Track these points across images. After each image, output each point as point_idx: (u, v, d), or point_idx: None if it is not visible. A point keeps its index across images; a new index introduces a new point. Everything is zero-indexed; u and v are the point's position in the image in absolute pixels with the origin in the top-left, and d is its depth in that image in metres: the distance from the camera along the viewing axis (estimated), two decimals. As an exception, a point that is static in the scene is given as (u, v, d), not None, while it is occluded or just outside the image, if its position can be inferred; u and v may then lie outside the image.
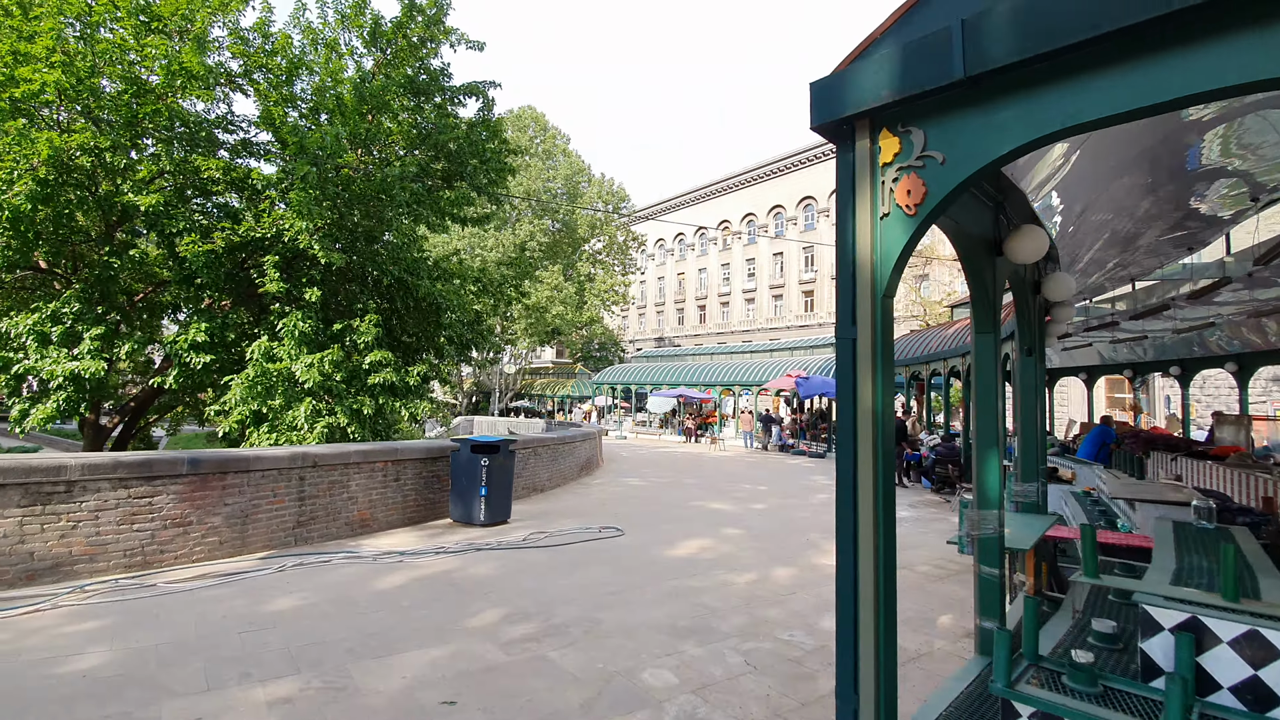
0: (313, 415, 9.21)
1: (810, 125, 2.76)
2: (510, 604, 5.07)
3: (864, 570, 2.47)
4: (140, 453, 5.80)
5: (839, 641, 2.59)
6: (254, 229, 9.24)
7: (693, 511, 9.87)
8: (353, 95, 10.22)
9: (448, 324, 11.91)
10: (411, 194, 9.69)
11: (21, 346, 9.22)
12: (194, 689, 3.46)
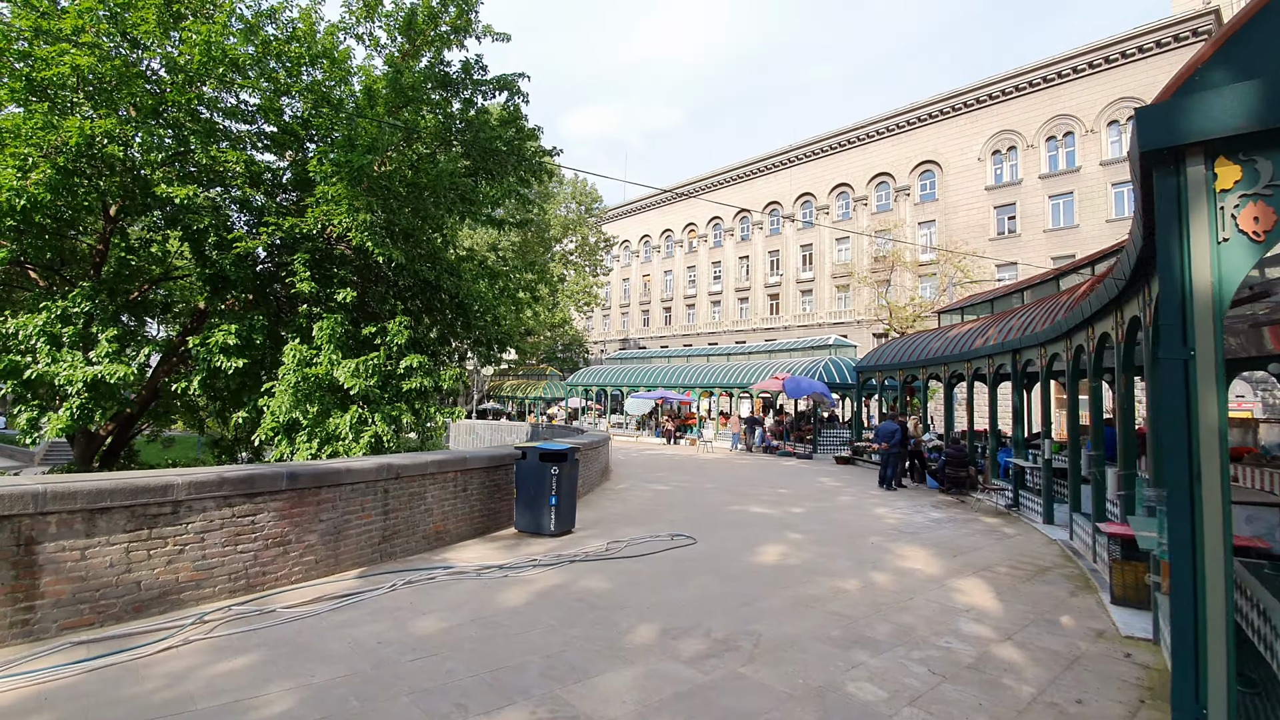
0: (357, 424, 8.78)
1: (1140, 149, 2.81)
2: (654, 619, 4.96)
3: (1211, 586, 2.53)
4: (242, 467, 5.37)
5: (1176, 654, 2.65)
6: (299, 225, 8.72)
7: (739, 516, 9.90)
8: (388, 87, 9.81)
9: (478, 324, 11.56)
10: (458, 191, 9.36)
11: (30, 349, 8.43)
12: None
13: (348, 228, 8.54)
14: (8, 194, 7.04)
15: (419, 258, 9.86)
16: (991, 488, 12.05)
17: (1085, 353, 8.11)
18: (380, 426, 8.79)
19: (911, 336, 19.37)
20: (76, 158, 7.63)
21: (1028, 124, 38.25)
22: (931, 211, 41.52)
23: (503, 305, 12.23)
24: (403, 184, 9.13)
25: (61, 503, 4.10)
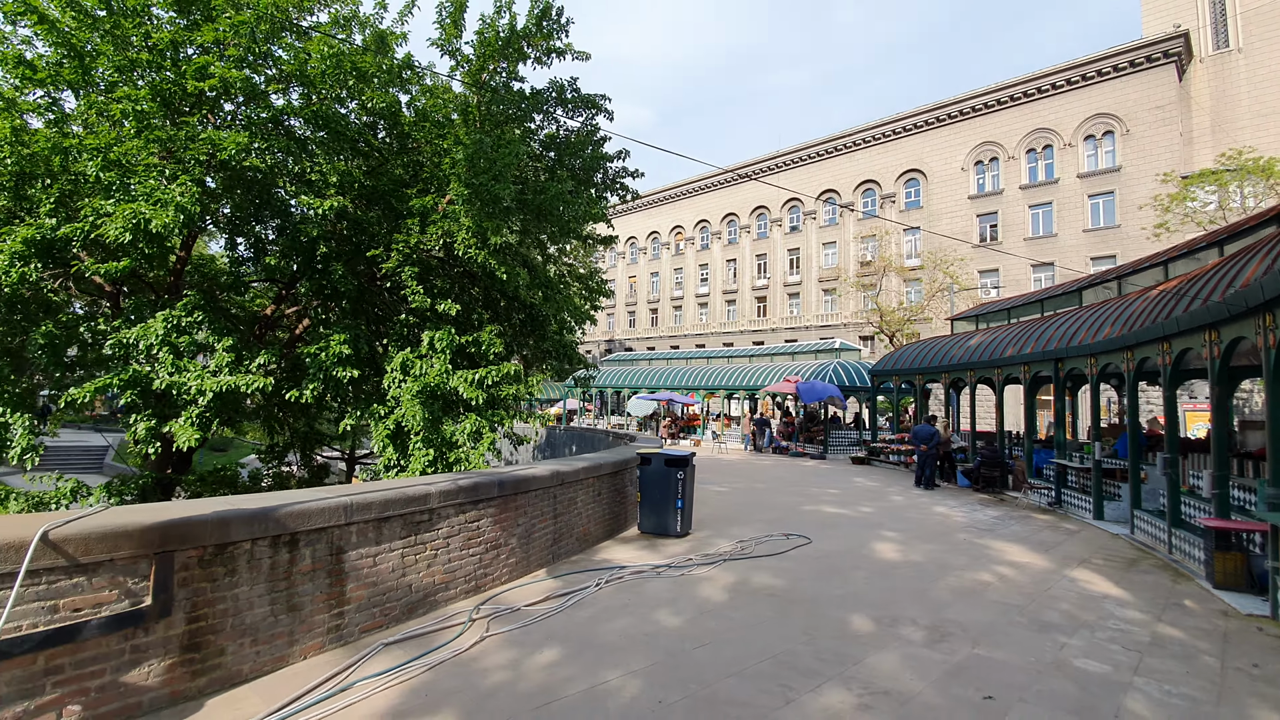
0: (474, 432, 9.07)
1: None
2: (855, 609, 5.50)
3: None
4: (466, 475, 5.69)
5: None
6: (423, 241, 8.97)
7: (823, 516, 10.51)
8: (487, 103, 10.10)
9: (551, 336, 11.92)
10: (571, 211, 9.73)
11: (152, 358, 8.48)
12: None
13: (468, 245, 8.83)
14: (157, 209, 7.16)
15: (517, 272, 10.21)
16: (1033, 486, 12.94)
17: (1154, 363, 8.97)
18: (495, 435, 9.10)
19: (928, 342, 20.33)
20: (219, 170, 7.75)
21: (1009, 136, 40.02)
22: (917, 218, 43.03)
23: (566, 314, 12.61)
24: (523, 206, 9.45)
25: (361, 513, 4.42)
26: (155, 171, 7.74)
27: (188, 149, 7.53)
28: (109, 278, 7.91)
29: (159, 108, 7.59)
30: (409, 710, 3.45)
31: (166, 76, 7.62)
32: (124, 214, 7.12)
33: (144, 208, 7.20)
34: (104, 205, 7.29)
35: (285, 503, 3.99)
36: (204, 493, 11.46)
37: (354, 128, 9.18)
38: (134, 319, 9.27)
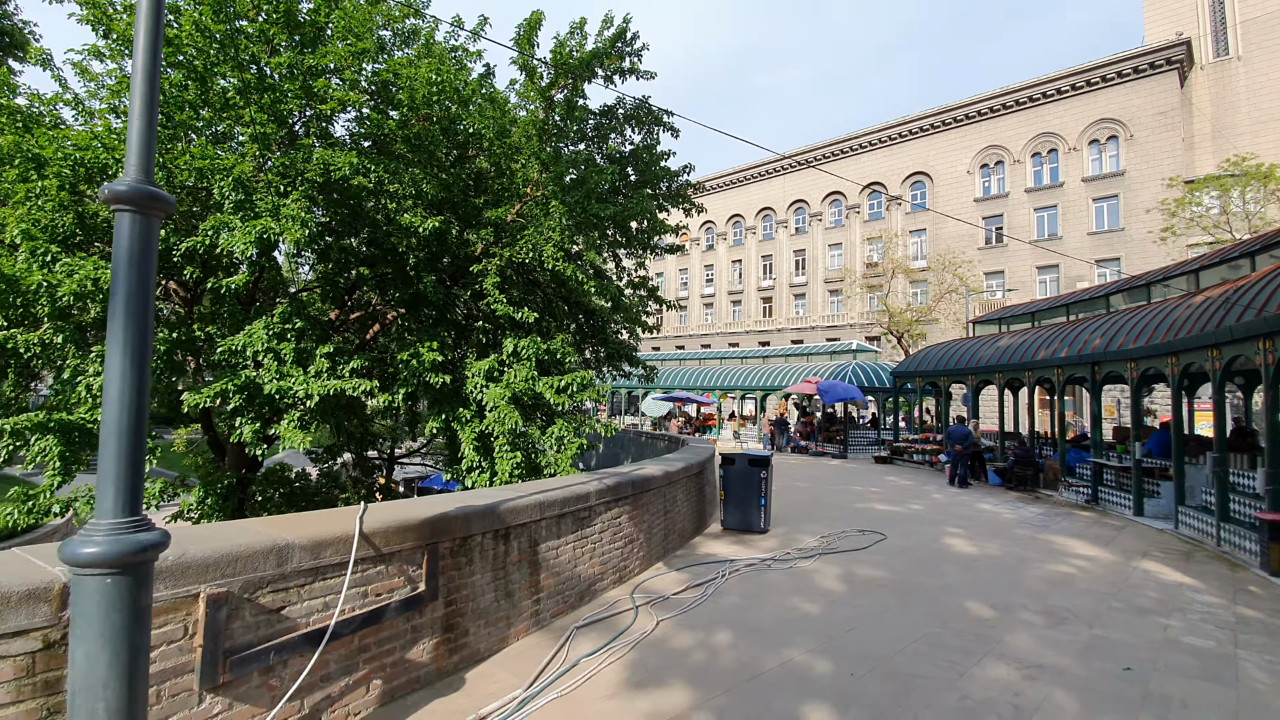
0: (560, 437, 9.52)
1: None
2: (966, 597, 6.02)
3: None
4: (609, 474, 6.16)
5: None
6: (515, 253, 9.42)
7: (883, 513, 11.04)
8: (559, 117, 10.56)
9: (612, 341, 12.40)
10: (651, 222, 10.21)
11: (257, 364, 8.88)
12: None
13: (555, 258, 9.29)
14: (287, 225, 7.57)
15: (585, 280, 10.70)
16: (1071, 484, 13.55)
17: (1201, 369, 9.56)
18: (581, 439, 9.57)
19: (952, 344, 20.93)
20: (329, 189, 8.17)
21: (1014, 140, 40.79)
22: (923, 220, 43.76)
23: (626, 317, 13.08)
24: (605, 219, 9.91)
25: (548, 510, 4.89)
26: (271, 190, 8.15)
27: (305, 169, 7.93)
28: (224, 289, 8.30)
29: (277, 129, 7.98)
30: (641, 682, 3.92)
31: (283, 97, 8.02)
32: (254, 229, 7.53)
33: (270, 223, 7.61)
34: (232, 220, 7.68)
35: (500, 500, 4.46)
36: (268, 491, 11.88)
37: (445, 146, 9.59)
38: (228, 326, 9.70)
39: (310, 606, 3.13)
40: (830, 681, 4.02)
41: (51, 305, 7.53)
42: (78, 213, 8.93)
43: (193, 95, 8.08)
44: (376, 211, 9.37)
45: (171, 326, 9.85)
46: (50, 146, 7.99)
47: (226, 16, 7.84)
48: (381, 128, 8.88)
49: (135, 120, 2.24)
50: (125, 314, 2.16)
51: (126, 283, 2.18)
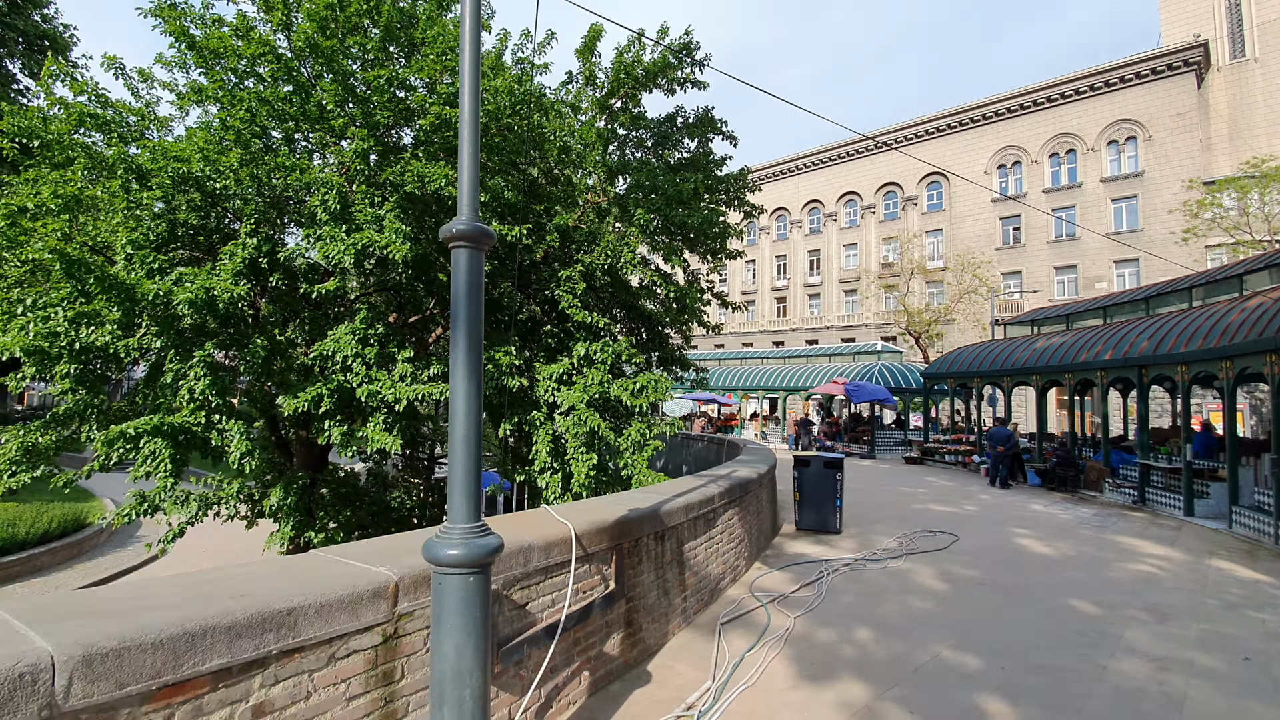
0: (639, 442, 9.76)
1: None
2: (1071, 596, 6.26)
3: None
4: (722, 477, 6.41)
5: None
6: (595, 261, 9.68)
7: (937, 513, 11.29)
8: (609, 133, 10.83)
9: (669, 345, 12.66)
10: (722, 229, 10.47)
11: (346, 369, 9.13)
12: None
13: (631, 264, 9.55)
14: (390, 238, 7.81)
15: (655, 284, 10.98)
16: (1119, 485, 13.77)
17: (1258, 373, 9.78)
18: (658, 441, 9.81)
19: (984, 345, 21.15)
20: (421, 200, 8.43)
21: (1031, 140, 40.93)
22: (939, 221, 43.94)
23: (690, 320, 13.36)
24: (690, 226, 10.15)
25: (690, 512, 5.14)
26: (366, 201, 8.40)
27: (403, 180, 8.18)
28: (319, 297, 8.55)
29: (375, 142, 8.23)
30: (814, 675, 4.18)
31: (376, 110, 8.26)
32: (358, 241, 7.78)
33: (374, 235, 7.86)
34: (336, 232, 7.92)
35: (658, 503, 4.71)
36: (336, 488, 12.14)
37: (527, 155, 9.83)
38: (309, 332, 9.97)
39: (543, 603, 3.38)
40: (986, 674, 4.27)
41: (164, 313, 7.79)
42: (170, 221, 9.21)
43: (295, 109, 8.33)
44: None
45: (264, 333, 10.13)
46: (155, 159, 8.24)
47: (331, 32, 8.09)
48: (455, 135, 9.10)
49: (464, 170, 2.50)
50: (466, 337, 2.41)
51: (466, 309, 2.43)
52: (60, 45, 21.33)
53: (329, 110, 8.38)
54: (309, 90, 8.18)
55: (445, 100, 8.40)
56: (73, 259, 7.14)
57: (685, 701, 3.65)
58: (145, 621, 1.86)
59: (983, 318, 37.65)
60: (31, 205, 8.38)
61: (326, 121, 8.67)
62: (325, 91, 8.27)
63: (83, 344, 8.04)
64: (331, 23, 8.18)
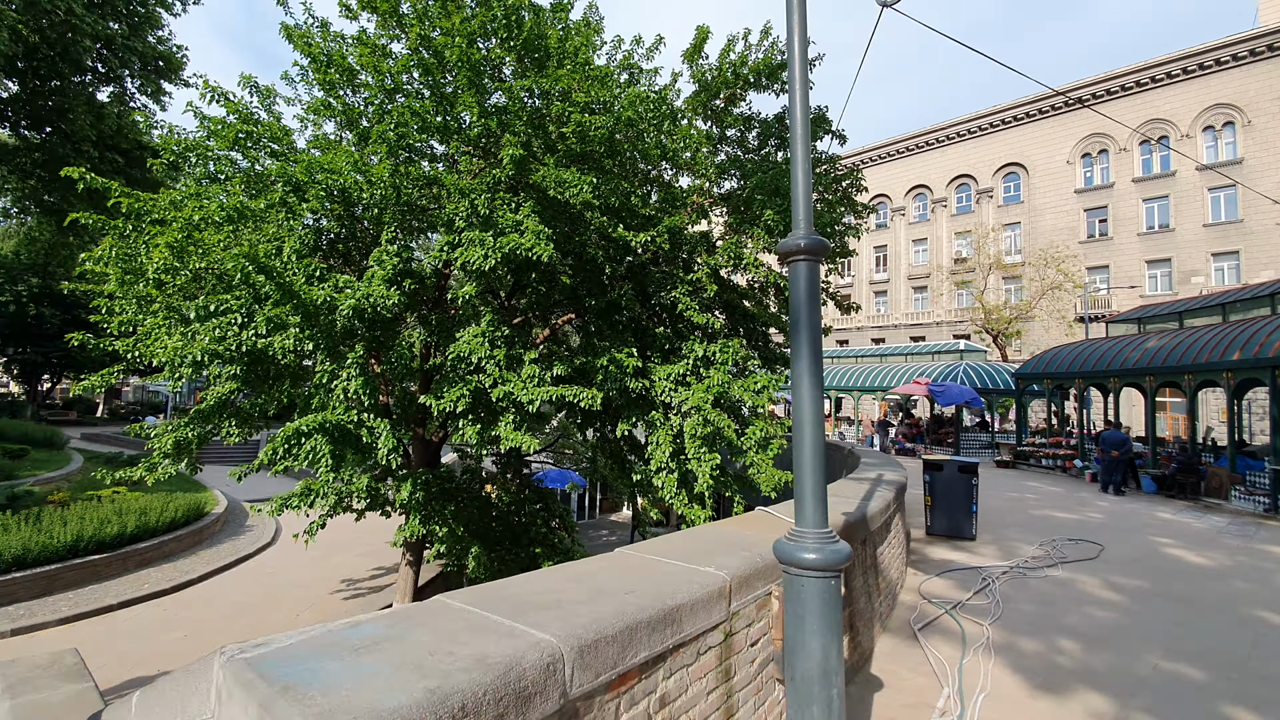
0: (763, 441, 9.78)
1: None
2: (1274, 608, 5.97)
3: None
4: (886, 481, 6.41)
5: None
6: (718, 263, 9.77)
7: (1061, 520, 10.92)
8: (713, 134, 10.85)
9: (771, 345, 12.65)
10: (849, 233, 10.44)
11: (480, 369, 9.46)
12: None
13: (754, 264, 9.57)
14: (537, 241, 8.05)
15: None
16: (1251, 492, 12.99)
17: None
18: (783, 440, 9.81)
19: (1087, 344, 20.26)
20: (559, 206, 8.68)
21: (1119, 127, 38.86)
22: (1017, 214, 42.26)
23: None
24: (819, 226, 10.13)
25: (880, 517, 5.14)
26: (508, 207, 8.68)
27: (545, 186, 8.42)
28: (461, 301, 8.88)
29: (523, 151, 8.48)
30: (1045, 685, 4.14)
31: (517, 120, 8.53)
32: (502, 243, 8.05)
33: (518, 239, 8.11)
34: (482, 236, 8.21)
35: (863, 506, 4.73)
36: (442, 484, 12.57)
37: (653, 159, 9.97)
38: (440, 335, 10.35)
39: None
40: (1215, 685, 4.14)
41: (327, 318, 8.25)
42: (316, 231, 9.74)
43: (439, 120, 8.67)
44: (590, 225, 9.82)
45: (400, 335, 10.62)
46: (310, 172, 8.71)
47: (475, 48, 8.39)
48: (590, 143, 9.29)
49: (799, 188, 2.57)
50: (808, 346, 2.49)
51: (807, 319, 2.51)
52: (174, 65, 22.76)
53: (470, 121, 8.68)
54: (453, 102, 8.49)
55: (582, 109, 8.59)
56: (263, 266, 7.61)
57: (935, 706, 3.66)
58: (597, 615, 2.00)
59: (1067, 315, 36.06)
60: (197, 218, 8.98)
61: (464, 131, 9.00)
62: (467, 104, 8.58)
63: (248, 347, 8.61)
64: (480, 38, 8.47)
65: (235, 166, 10.22)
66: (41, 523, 14.09)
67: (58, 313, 34.60)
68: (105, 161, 22.91)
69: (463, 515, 12.45)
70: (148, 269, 8.63)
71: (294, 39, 10.80)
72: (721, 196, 12.12)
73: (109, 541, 14.73)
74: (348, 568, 16.77)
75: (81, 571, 13.94)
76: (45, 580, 13.24)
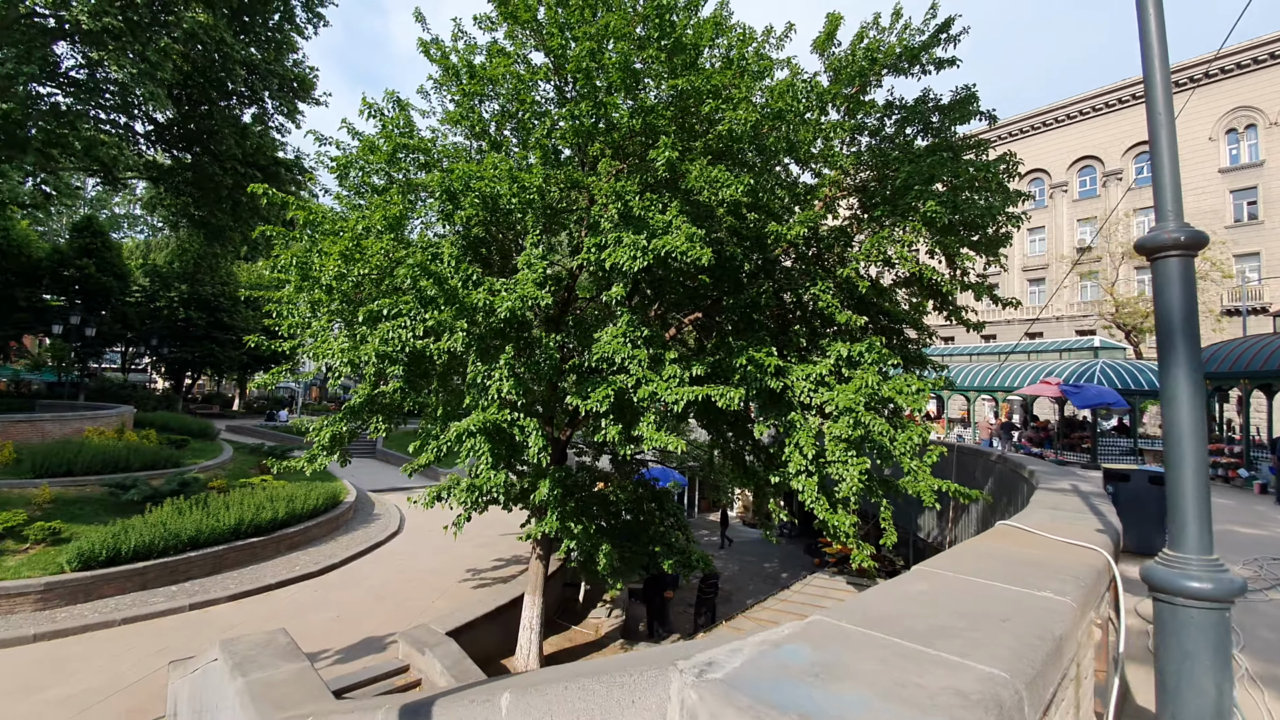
0: (920, 445, 9.35)
1: None
2: None
3: None
4: (1067, 488, 5.95)
5: None
6: (864, 256, 9.45)
7: (1248, 537, 9.75)
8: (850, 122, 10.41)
9: (910, 344, 12.10)
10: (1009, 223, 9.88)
11: (623, 369, 9.53)
12: None
13: (909, 260, 9.14)
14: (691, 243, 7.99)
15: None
16: None
17: None
18: (941, 447, 9.34)
19: (1252, 340, 18.17)
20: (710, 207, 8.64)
21: (1270, 100, 34.74)
22: (1149, 197, 38.51)
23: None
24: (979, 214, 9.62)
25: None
26: (656, 208, 8.68)
27: (697, 186, 8.35)
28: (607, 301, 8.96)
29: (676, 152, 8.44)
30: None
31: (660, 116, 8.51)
32: (657, 246, 8.04)
33: (672, 240, 8.08)
34: (635, 239, 8.25)
35: (1109, 524, 4.34)
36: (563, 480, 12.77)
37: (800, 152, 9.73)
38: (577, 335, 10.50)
39: (1098, 632, 3.17)
40: None
41: (485, 320, 8.55)
42: (465, 237, 10.11)
43: (591, 124, 8.79)
44: (723, 223, 9.73)
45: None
46: (464, 181, 9.04)
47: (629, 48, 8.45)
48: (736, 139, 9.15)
49: (1165, 172, 2.32)
50: (1186, 352, 2.24)
51: (1183, 322, 2.25)
52: (307, 85, 24.51)
53: (618, 122, 8.73)
54: (606, 106, 8.58)
55: (739, 103, 8.44)
56: (431, 272, 7.98)
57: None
58: (1006, 645, 1.85)
59: (1213, 308, 32.60)
60: (361, 227, 9.52)
61: (610, 134, 9.08)
62: (614, 105, 8.65)
63: (410, 349, 9.06)
64: (628, 39, 8.52)
65: (390, 178, 10.80)
66: (209, 507, 15.49)
67: (203, 316, 38.19)
68: (246, 178, 25.01)
69: (589, 512, 12.66)
70: (322, 276, 9.24)
71: (429, 54, 11.30)
72: (856, 188, 11.69)
73: (264, 526, 16.01)
74: (470, 558, 17.49)
75: (243, 553, 15.22)
76: (214, 560, 14.53)
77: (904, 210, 9.16)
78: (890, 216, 9.53)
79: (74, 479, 16.15)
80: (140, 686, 9.73)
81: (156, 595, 12.88)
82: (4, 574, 11.79)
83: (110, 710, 9.08)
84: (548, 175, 9.03)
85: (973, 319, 12.26)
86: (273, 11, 22.34)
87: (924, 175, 8.95)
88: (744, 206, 8.82)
